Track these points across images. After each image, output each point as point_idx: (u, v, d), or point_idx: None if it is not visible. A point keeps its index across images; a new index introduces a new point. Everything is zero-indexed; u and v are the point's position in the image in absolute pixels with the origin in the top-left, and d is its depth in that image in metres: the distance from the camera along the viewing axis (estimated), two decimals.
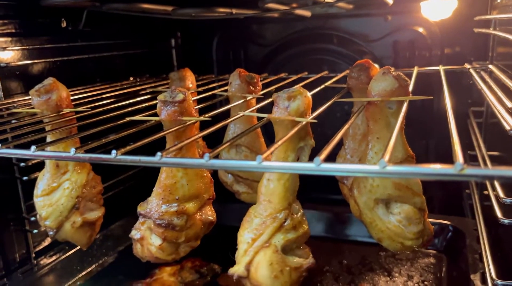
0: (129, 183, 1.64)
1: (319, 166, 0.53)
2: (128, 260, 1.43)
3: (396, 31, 1.71)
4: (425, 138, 1.77)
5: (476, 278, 1.11)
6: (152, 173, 0.91)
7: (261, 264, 0.77)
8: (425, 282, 1.27)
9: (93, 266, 1.42)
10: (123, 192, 1.59)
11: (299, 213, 0.82)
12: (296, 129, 0.70)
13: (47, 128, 0.96)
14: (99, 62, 1.55)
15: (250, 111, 0.95)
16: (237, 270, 0.79)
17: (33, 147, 0.70)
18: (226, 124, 0.85)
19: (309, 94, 0.78)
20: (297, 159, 0.80)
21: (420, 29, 1.68)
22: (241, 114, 0.86)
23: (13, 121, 1.04)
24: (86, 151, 0.68)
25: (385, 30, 1.73)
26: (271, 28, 1.91)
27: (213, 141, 1.15)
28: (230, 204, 1.48)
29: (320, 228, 1.55)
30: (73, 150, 0.66)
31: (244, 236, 0.80)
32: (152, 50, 1.83)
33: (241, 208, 1.48)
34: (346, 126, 0.70)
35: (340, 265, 1.37)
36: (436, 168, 0.48)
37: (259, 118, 0.93)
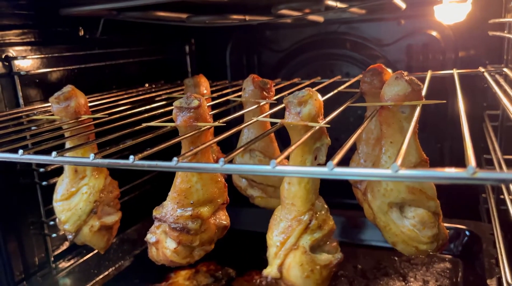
0: (144, 188, 1.66)
1: (332, 171, 0.53)
2: (144, 263, 1.46)
3: (409, 35, 1.71)
4: (439, 142, 1.76)
5: (492, 283, 1.10)
6: (167, 178, 0.93)
7: (292, 265, 0.80)
8: None
9: (110, 269, 1.44)
10: (139, 197, 1.61)
11: (323, 210, 0.84)
12: (309, 133, 0.71)
13: (66, 134, 0.99)
14: (115, 69, 1.58)
15: (263, 117, 0.96)
16: (270, 272, 0.81)
17: (54, 153, 0.72)
18: (240, 130, 0.86)
19: (319, 96, 0.79)
20: (315, 159, 0.81)
21: (434, 33, 1.68)
22: (255, 119, 0.87)
23: (33, 128, 1.06)
24: (104, 157, 0.70)
25: (399, 34, 1.73)
26: (284, 34, 1.92)
27: (227, 146, 1.17)
28: (245, 209, 1.50)
29: (335, 233, 1.55)
30: (92, 155, 0.68)
31: (273, 239, 0.82)
32: (167, 57, 1.86)
33: (255, 213, 1.49)
34: (359, 131, 0.71)
35: (354, 269, 1.37)
36: (448, 171, 0.48)
37: (272, 123, 0.94)
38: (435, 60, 1.70)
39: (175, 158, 0.62)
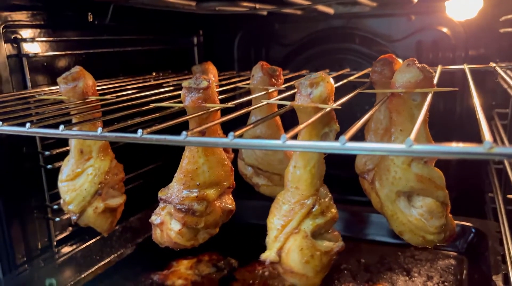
0: (148, 177, 1.65)
1: (344, 145, 0.52)
2: (146, 252, 1.46)
3: (419, 31, 1.69)
4: (447, 140, 1.74)
5: (498, 279, 1.09)
6: (172, 167, 0.92)
7: (292, 249, 0.79)
8: (445, 283, 1.24)
9: (112, 256, 1.43)
10: (143, 186, 1.61)
11: (327, 198, 0.83)
12: (319, 114, 0.70)
13: (73, 113, 0.98)
14: (123, 56, 1.58)
15: (273, 100, 0.95)
16: (268, 255, 0.80)
17: (61, 127, 0.71)
18: (248, 112, 0.85)
19: (331, 80, 0.78)
20: None
21: (444, 29, 1.66)
22: (265, 102, 0.86)
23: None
24: (112, 132, 0.69)
25: (409, 30, 1.71)
26: (293, 27, 1.91)
27: None
28: (249, 201, 1.49)
29: (338, 227, 1.52)
30: (100, 129, 0.67)
31: (274, 222, 0.81)
32: (174, 47, 1.86)
33: (259, 205, 1.47)
34: (371, 112, 0.70)
35: (358, 263, 1.36)
36: (464, 146, 0.47)
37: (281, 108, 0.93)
38: (445, 57, 1.68)
39: (184, 132, 0.62)
